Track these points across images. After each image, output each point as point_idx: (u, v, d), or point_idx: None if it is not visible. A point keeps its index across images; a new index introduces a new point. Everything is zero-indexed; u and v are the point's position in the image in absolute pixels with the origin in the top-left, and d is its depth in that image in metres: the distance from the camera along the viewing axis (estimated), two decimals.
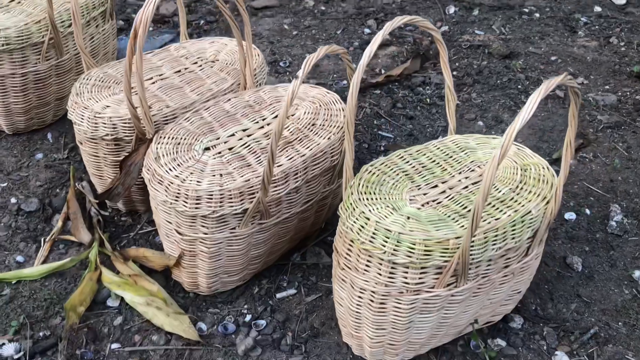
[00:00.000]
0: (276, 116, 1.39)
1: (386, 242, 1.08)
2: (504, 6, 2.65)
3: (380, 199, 1.16)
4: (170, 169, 1.24)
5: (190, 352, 1.31)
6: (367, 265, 1.12)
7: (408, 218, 1.12)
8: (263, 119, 1.38)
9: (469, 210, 1.15)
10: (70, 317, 1.30)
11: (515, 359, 1.33)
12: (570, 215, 1.69)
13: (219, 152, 1.29)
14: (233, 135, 1.33)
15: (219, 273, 1.36)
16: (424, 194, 1.19)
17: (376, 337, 1.19)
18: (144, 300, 1.35)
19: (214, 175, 1.23)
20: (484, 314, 1.29)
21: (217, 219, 1.24)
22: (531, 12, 2.63)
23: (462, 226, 1.11)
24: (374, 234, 1.09)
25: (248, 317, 1.38)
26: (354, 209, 1.13)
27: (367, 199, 1.15)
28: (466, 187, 1.21)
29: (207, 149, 1.30)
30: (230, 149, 1.30)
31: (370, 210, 1.12)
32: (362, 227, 1.10)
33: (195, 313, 1.39)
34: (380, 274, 1.11)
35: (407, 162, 1.26)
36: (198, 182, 1.22)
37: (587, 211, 1.70)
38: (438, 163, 1.27)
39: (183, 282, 1.40)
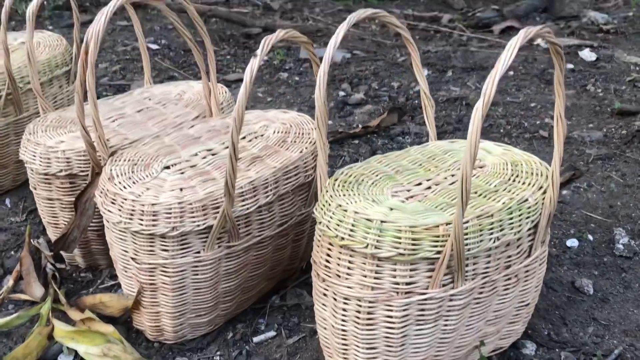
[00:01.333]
0: (245, 137, 1.29)
1: (368, 233, 0.94)
2: (477, 67, 2.66)
3: (359, 194, 1.03)
4: (124, 187, 1.12)
5: None
6: (349, 268, 0.97)
7: (391, 209, 0.99)
8: None
9: None
10: None
11: None
12: (572, 242, 1.55)
13: (180, 170, 1.18)
14: (196, 155, 1.22)
15: (185, 312, 1.19)
16: (408, 190, 1.06)
17: None
18: (100, 350, 1.17)
19: (172, 190, 1.11)
20: (490, 334, 1.12)
21: (178, 239, 1.10)
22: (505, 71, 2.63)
23: (453, 214, 0.98)
24: (353, 226, 0.95)
25: None
26: (329, 205, 1.00)
27: (344, 195, 1.02)
28: (453, 183, 1.09)
29: (167, 167, 1.18)
30: (192, 166, 1.19)
31: (347, 203, 0.99)
32: (340, 221, 0.97)
33: None
34: (365, 276, 0.96)
35: (387, 165, 1.15)
36: (155, 196, 1.09)
37: (590, 237, 1.57)
38: (420, 164, 1.16)
39: (145, 329, 1.23)
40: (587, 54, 2.84)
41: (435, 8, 3.83)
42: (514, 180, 1.09)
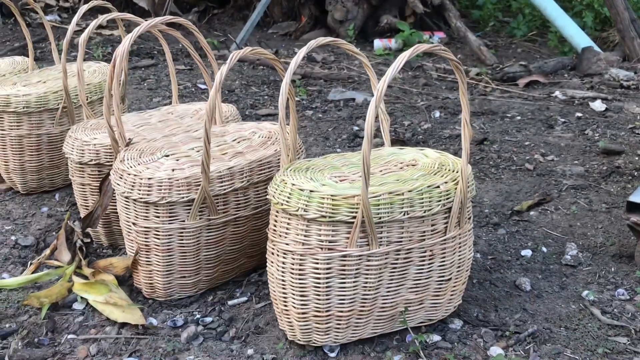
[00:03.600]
0: (235, 139, 1.60)
1: (300, 200, 1.21)
2: (487, 112, 2.89)
3: (303, 176, 1.30)
4: (130, 166, 1.44)
5: (138, 340, 1.39)
6: (287, 229, 1.24)
7: (323, 185, 1.25)
8: (225, 142, 1.58)
9: (381, 184, 1.27)
10: (30, 299, 1.42)
11: (449, 351, 1.34)
12: (526, 252, 1.74)
13: (176, 158, 1.49)
14: (193, 149, 1.54)
15: (172, 272, 1.47)
16: (345, 176, 1.33)
17: (301, 307, 1.26)
18: (104, 298, 1.47)
19: (166, 170, 1.42)
20: (414, 302, 1.34)
21: (167, 207, 1.40)
22: (513, 116, 2.86)
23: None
24: (289, 194, 1.23)
25: (197, 316, 1.47)
26: (276, 180, 1.28)
27: (292, 176, 1.30)
28: (385, 174, 1.35)
29: (167, 155, 1.50)
30: (187, 156, 1.50)
31: (290, 179, 1.26)
32: (282, 191, 1.24)
33: (150, 314, 1.48)
34: (297, 234, 1.22)
35: (339, 160, 1.42)
36: (151, 173, 1.40)
37: (544, 249, 1.76)
38: None
39: (142, 287, 1.52)
40: (598, 105, 3.02)
41: (469, 64, 4.11)
42: (435, 174, 1.34)
